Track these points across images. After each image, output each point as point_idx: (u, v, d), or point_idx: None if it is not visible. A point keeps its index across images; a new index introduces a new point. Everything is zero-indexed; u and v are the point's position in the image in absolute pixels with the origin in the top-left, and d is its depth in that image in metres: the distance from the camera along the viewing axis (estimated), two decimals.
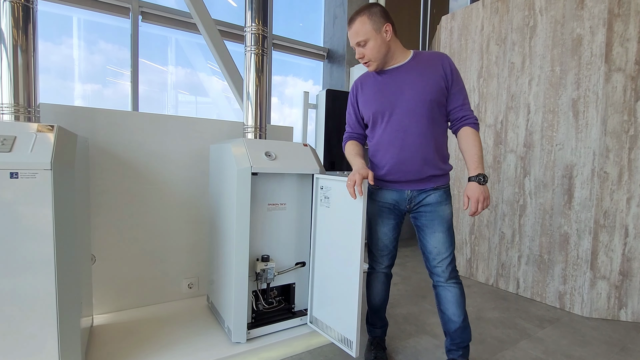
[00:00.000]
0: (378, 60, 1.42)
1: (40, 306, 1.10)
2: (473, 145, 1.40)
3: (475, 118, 1.44)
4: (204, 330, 1.70)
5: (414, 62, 1.44)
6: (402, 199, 1.49)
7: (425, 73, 1.41)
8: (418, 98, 1.40)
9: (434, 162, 1.43)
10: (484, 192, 1.35)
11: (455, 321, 1.48)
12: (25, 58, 1.27)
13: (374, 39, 1.38)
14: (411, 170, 1.44)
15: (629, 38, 2.15)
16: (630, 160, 2.18)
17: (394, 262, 1.64)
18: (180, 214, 2.00)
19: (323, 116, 3.14)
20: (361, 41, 1.38)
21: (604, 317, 2.27)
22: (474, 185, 1.35)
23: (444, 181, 1.48)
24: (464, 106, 1.44)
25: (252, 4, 1.72)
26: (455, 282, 1.49)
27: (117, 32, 2.95)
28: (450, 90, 1.42)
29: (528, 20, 2.57)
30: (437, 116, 1.42)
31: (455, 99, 1.43)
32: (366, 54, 1.41)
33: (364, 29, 1.37)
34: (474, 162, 1.38)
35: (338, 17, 4.02)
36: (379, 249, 1.58)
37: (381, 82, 1.48)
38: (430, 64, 1.42)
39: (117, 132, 1.80)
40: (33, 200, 1.07)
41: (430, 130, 1.41)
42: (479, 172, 1.36)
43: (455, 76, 1.42)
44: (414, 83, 1.41)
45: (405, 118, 1.42)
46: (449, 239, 1.47)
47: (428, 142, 1.42)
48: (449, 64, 1.42)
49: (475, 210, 1.35)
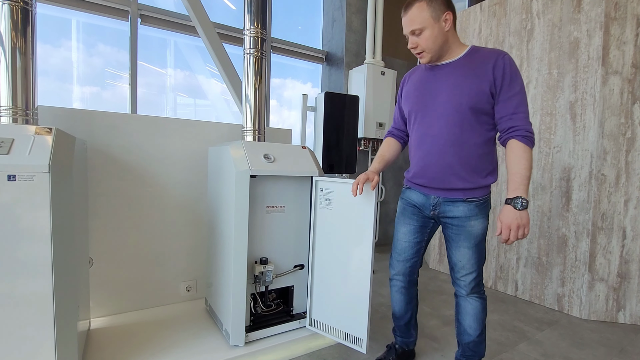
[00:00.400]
0: (433, 51, 1.28)
1: (37, 309, 1.10)
2: (516, 163, 1.21)
3: (526, 130, 1.22)
4: (202, 334, 1.69)
5: (465, 59, 1.29)
6: (427, 204, 1.40)
7: (471, 74, 1.26)
8: (452, 102, 1.27)
9: (461, 174, 1.30)
10: (520, 219, 1.16)
11: (471, 334, 1.42)
12: (23, 61, 1.27)
13: (430, 28, 1.24)
14: (435, 178, 1.34)
15: (626, 41, 2.17)
16: (627, 163, 2.19)
17: (412, 272, 1.51)
18: (178, 217, 2.00)
19: (322, 119, 3.15)
20: (416, 30, 1.25)
21: (602, 319, 2.27)
22: (508, 210, 1.19)
23: (477, 194, 1.32)
24: (514, 115, 1.24)
25: (251, 7, 1.73)
26: (477, 297, 1.40)
27: (116, 35, 2.95)
28: (499, 96, 1.25)
29: (525, 23, 2.58)
30: (475, 124, 1.27)
31: (505, 107, 1.25)
32: (420, 44, 1.27)
33: (421, 17, 1.23)
34: (514, 181, 1.20)
35: (336, 21, 4.04)
36: (396, 251, 1.51)
37: (424, 78, 1.38)
38: (480, 64, 1.26)
39: (116, 135, 1.80)
40: (31, 202, 1.06)
41: (462, 138, 1.28)
42: (518, 195, 1.18)
43: (508, 81, 1.23)
44: (454, 85, 1.28)
45: (435, 122, 1.31)
46: (476, 256, 1.35)
47: (456, 151, 1.29)
48: (502, 66, 1.23)
49: (507, 239, 1.19)
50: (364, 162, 4.02)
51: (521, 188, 1.18)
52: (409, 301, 1.55)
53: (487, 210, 1.36)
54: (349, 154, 3.26)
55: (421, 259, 1.52)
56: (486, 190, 1.35)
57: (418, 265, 1.52)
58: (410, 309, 1.57)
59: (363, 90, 3.72)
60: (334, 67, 4.11)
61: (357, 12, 3.97)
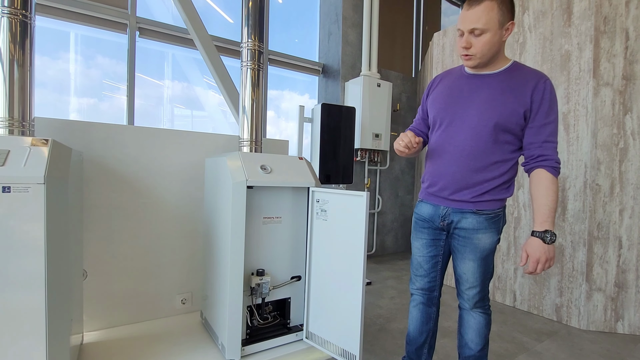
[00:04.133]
0: (485, 58, 1.20)
1: (29, 323, 1.07)
2: (544, 194, 1.17)
3: (555, 161, 1.20)
4: (198, 347, 1.66)
5: (505, 75, 1.24)
6: (436, 215, 1.37)
7: (508, 92, 1.21)
8: (482, 117, 1.23)
9: (474, 187, 1.27)
10: (548, 253, 1.14)
11: (472, 348, 1.39)
12: (21, 73, 1.27)
13: (492, 33, 1.15)
14: (447, 189, 1.32)
15: (616, 54, 2.22)
16: (621, 173, 2.22)
17: (431, 288, 1.46)
18: (174, 228, 1.98)
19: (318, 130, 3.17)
20: (478, 29, 1.15)
21: (601, 329, 2.26)
22: (537, 243, 1.15)
23: (488, 207, 1.28)
24: (545, 144, 1.20)
25: (249, 20, 1.76)
26: (481, 312, 1.37)
27: (114, 47, 2.98)
28: (532, 121, 1.20)
29: (518, 37, 2.64)
30: (500, 142, 1.24)
31: (537, 134, 1.20)
32: (475, 46, 1.18)
33: (488, 17, 1.13)
34: (542, 214, 1.16)
35: (333, 34, 4.11)
36: (414, 266, 1.49)
37: (459, 85, 1.32)
38: (520, 84, 1.21)
39: (112, 146, 1.80)
40: (25, 214, 1.05)
41: (483, 153, 1.24)
42: (547, 228, 1.15)
43: (546, 108, 1.18)
44: (488, 99, 1.23)
45: (461, 133, 1.27)
46: (481, 270, 1.31)
47: (474, 165, 1.26)
48: (542, 91, 1.18)
49: (534, 271, 1.16)
50: (360, 172, 4.03)
51: (549, 221, 1.15)
52: (426, 321, 1.49)
53: (499, 225, 1.31)
54: (345, 165, 3.27)
55: (441, 275, 1.46)
56: (498, 204, 1.29)
57: (438, 282, 1.46)
58: (426, 331, 1.50)
59: (359, 101, 3.76)
60: (331, 79, 4.16)
61: (352, 25, 4.04)
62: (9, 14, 1.24)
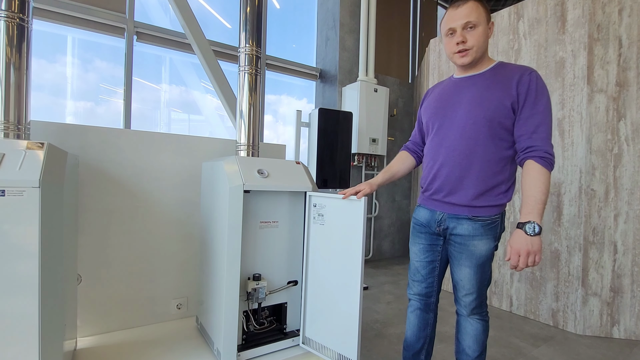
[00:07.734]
0: (479, 52, 1.25)
1: (22, 328, 1.06)
2: (531, 185, 1.14)
3: (545, 151, 1.16)
4: (193, 353, 1.64)
5: (490, 73, 1.28)
6: (432, 220, 1.38)
7: (492, 87, 1.23)
8: (470, 114, 1.25)
9: (469, 189, 1.26)
10: (531, 245, 1.09)
11: (469, 354, 1.38)
12: (17, 76, 1.27)
13: (483, 26, 1.23)
14: (442, 191, 1.32)
15: (609, 61, 2.25)
16: (615, 178, 2.24)
17: (428, 294, 1.46)
18: (170, 233, 1.97)
19: (316, 134, 3.18)
20: (472, 23, 1.22)
21: (597, 334, 2.26)
22: (519, 234, 1.13)
23: (484, 213, 1.26)
24: (534, 135, 1.18)
25: (247, 25, 1.77)
26: (479, 318, 1.37)
27: (112, 51, 2.98)
28: (520, 113, 1.20)
29: (513, 43, 2.67)
30: (492, 138, 1.24)
31: (525, 125, 1.19)
32: (470, 39, 1.23)
33: (478, 12, 1.23)
34: (528, 205, 1.13)
35: (330, 39, 4.13)
36: (411, 271, 1.50)
37: (447, 89, 1.37)
38: (505, 78, 1.23)
39: (108, 150, 1.79)
40: (19, 218, 1.05)
41: (476, 151, 1.25)
42: (530, 219, 1.11)
43: (532, 98, 1.18)
44: (474, 97, 1.26)
45: (452, 133, 1.29)
46: (477, 277, 1.30)
47: (469, 165, 1.26)
48: (527, 82, 1.19)
49: (516, 265, 1.13)
50: (357, 177, 4.04)
51: (534, 212, 1.11)
52: (423, 327, 1.50)
53: (496, 232, 1.28)
54: (342, 169, 3.27)
55: (438, 281, 1.46)
56: (495, 210, 1.27)
57: (435, 287, 1.47)
58: (423, 337, 1.50)
59: (356, 106, 3.78)
60: (328, 84, 4.18)
61: (349, 31, 4.07)
62: (5, 17, 1.24)
